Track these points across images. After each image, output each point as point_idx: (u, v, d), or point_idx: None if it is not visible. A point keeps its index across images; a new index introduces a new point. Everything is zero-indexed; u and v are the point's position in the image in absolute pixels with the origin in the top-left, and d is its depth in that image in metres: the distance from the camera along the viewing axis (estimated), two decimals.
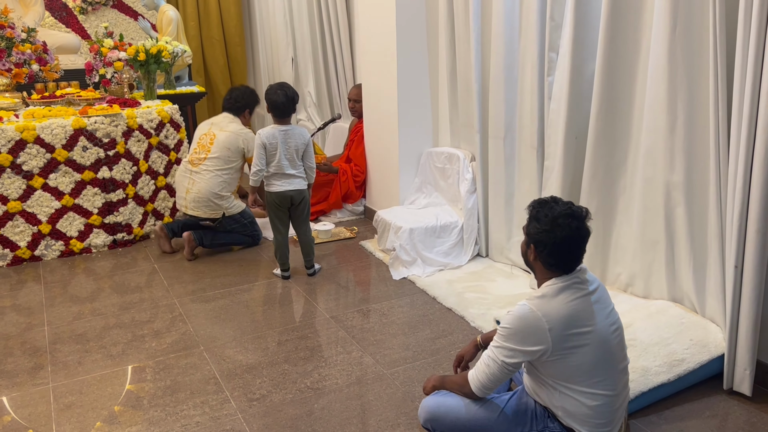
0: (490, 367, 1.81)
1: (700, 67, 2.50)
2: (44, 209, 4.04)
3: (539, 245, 1.81)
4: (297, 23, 6.44)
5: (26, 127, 3.92)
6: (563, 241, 1.76)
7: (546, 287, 1.81)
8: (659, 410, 2.33)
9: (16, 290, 3.65)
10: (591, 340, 1.76)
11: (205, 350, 2.88)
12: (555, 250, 1.78)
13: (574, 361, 1.77)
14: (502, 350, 1.79)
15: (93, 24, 7.16)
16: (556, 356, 1.75)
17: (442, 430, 1.96)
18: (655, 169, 2.73)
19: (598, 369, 1.78)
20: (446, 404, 1.95)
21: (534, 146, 3.35)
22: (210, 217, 4.05)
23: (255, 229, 4.27)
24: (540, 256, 1.82)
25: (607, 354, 1.80)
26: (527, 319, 1.75)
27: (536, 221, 1.82)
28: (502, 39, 3.41)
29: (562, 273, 1.82)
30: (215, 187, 3.99)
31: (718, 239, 2.48)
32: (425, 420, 1.98)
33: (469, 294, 3.36)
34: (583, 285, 1.81)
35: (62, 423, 2.36)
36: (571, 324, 1.75)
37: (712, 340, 2.50)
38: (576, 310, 1.76)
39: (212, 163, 4.01)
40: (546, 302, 1.77)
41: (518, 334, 1.76)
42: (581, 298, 1.78)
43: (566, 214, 1.77)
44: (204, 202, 4.00)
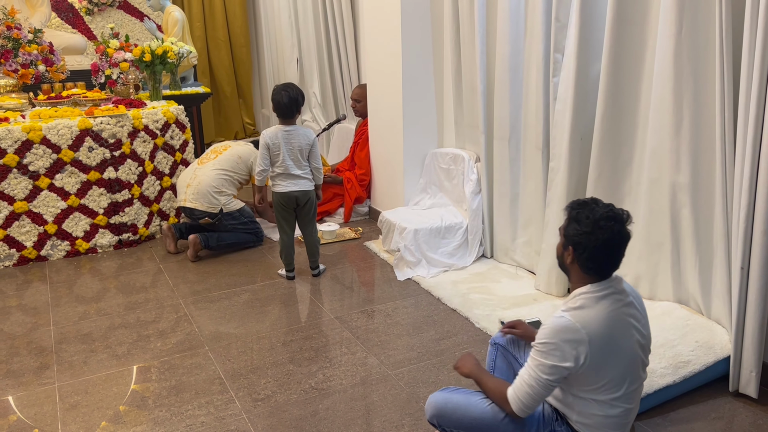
0: (534, 388, 1.72)
1: (706, 67, 2.49)
2: (50, 209, 4.06)
3: (578, 248, 1.73)
4: (302, 24, 6.45)
5: (33, 127, 3.94)
6: (604, 244, 1.69)
7: (583, 297, 1.74)
8: (665, 412, 2.32)
9: (22, 290, 3.67)
10: (622, 355, 1.73)
11: (210, 350, 2.88)
12: (595, 254, 1.71)
13: (603, 375, 1.72)
14: (543, 368, 1.70)
15: (99, 25, 7.19)
16: (588, 369, 1.70)
17: (447, 426, 1.94)
18: (660, 170, 2.72)
19: (623, 383, 1.75)
20: (453, 401, 1.92)
21: (539, 147, 3.35)
22: (208, 211, 4.06)
23: (256, 227, 4.29)
24: (578, 260, 1.75)
25: (634, 368, 1.77)
26: (567, 331, 1.68)
27: (576, 223, 1.74)
28: (508, 40, 3.41)
29: (600, 278, 1.75)
30: (215, 182, 4.07)
31: (724, 240, 2.47)
32: (431, 416, 1.97)
33: (473, 295, 3.35)
34: (621, 296, 1.74)
35: (68, 422, 2.37)
36: (608, 338, 1.70)
37: (718, 341, 2.49)
38: (613, 323, 1.71)
39: (219, 163, 4.13)
40: (585, 313, 1.70)
41: (558, 348, 1.68)
42: (618, 310, 1.72)
43: (608, 217, 1.70)
44: (203, 195, 4.03)
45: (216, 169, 4.12)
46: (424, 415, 2.32)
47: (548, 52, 3.17)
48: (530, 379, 1.72)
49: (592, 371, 1.72)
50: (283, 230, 3.60)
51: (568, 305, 1.75)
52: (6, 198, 3.93)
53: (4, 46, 4.89)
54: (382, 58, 4.30)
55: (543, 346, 1.71)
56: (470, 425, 1.90)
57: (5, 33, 4.89)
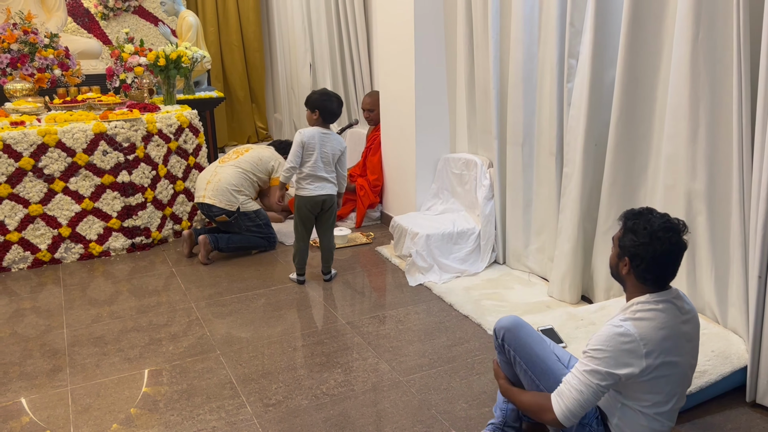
0: (583, 393, 1.67)
1: (723, 73, 2.46)
2: (64, 212, 4.09)
3: (636, 259, 1.72)
4: (315, 29, 6.47)
5: (48, 131, 3.97)
6: (662, 255, 1.68)
7: (641, 307, 1.71)
8: (680, 422, 2.29)
9: (36, 292, 3.69)
10: (674, 371, 1.71)
11: (222, 354, 2.88)
12: (652, 265, 1.69)
13: (654, 388, 1.70)
14: (595, 374, 1.67)
15: (114, 29, 7.25)
16: (640, 380, 1.68)
17: (509, 344, 1.93)
18: (676, 176, 2.69)
19: (671, 399, 1.73)
20: (529, 330, 1.93)
21: (553, 153, 3.33)
22: (225, 209, 4.06)
23: (270, 232, 4.28)
24: (635, 271, 1.73)
25: (683, 386, 1.75)
26: (624, 341, 1.66)
27: (633, 234, 1.72)
28: (521, 45, 3.39)
29: (656, 289, 1.73)
30: (235, 180, 4.14)
31: (741, 249, 2.44)
32: (502, 326, 1.95)
33: (486, 301, 3.33)
34: (679, 312, 1.73)
35: (80, 426, 2.38)
36: (664, 352, 1.68)
37: (735, 351, 2.46)
38: (670, 338, 1.69)
39: (240, 163, 4.23)
40: (644, 325, 1.68)
41: (614, 356, 1.65)
42: (676, 326, 1.70)
43: (665, 228, 1.69)
44: (222, 192, 4.06)
45: (237, 167, 4.21)
46: (438, 420, 2.31)
47: (562, 57, 3.16)
48: (580, 384, 1.68)
49: (644, 383, 1.69)
50: (300, 234, 3.60)
51: (626, 315, 1.72)
52: (21, 201, 3.97)
53: (20, 50, 4.94)
54: (395, 62, 4.29)
55: (597, 353, 1.68)
56: (527, 357, 1.88)
57: (22, 37, 4.94)
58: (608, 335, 1.68)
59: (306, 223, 3.57)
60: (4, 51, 4.91)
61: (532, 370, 1.87)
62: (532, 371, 1.87)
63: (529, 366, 1.87)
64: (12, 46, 4.91)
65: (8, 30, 4.92)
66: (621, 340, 1.66)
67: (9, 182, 3.92)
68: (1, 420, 2.43)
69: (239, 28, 8.05)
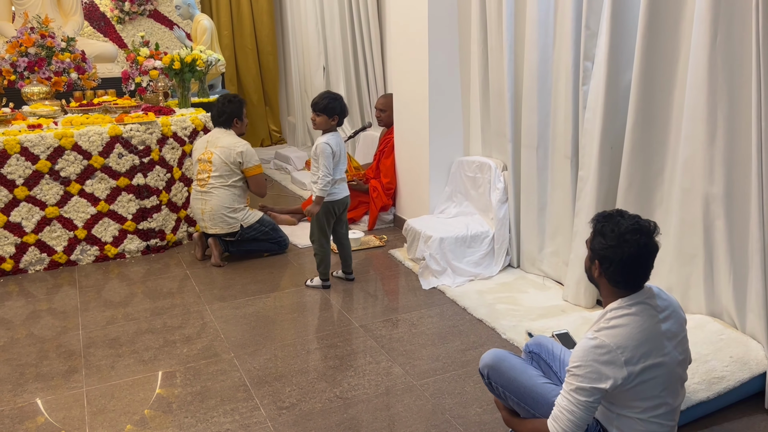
0: (575, 413, 1.67)
1: (742, 76, 2.43)
2: (80, 215, 4.12)
3: (605, 262, 1.71)
4: (329, 32, 6.49)
5: (64, 134, 4.01)
6: (630, 257, 1.67)
7: (614, 314, 1.70)
8: (697, 429, 2.26)
9: (52, 294, 3.72)
10: (660, 372, 1.69)
11: (235, 357, 2.89)
12: (621, 267, 1.68)
13: (642, 393, 1.69)
14: (581, 392, 1.66)
15: (130, 33, 7.31)
16: (626, 388, 1.67)
17: (495, 382, 1.92)
18: (693, 180, 2.66)
19: (663, 400, 1.71)
20: (511, 362, 1.91)
21: (568, 156, 3.31)
22: (229, 233, 4.07)
23: (279, 235, 4.26)
24: (605, 273, 1.72)
25: (673, 386, 1.73)
26: (601, 351, 1.65)
27: (602, 236, 1.72)
28: (536, 47, 3.38)
29: (629, 291, 1.72)
30: (226, 202, 4.00)
31: (760, 253, 2.41)
32: (485, 365, 1.94)
33: (500, 305, 3.31)
34: (655, 311, 1.71)
35: (95, 427, 2.39)
36: (644, 355, 1.66)
37: (753, 357, 2.42)
38: (648, 340, 1.67)
39: (216, 180, 4.00)
40: (618, 332, 1.66)
41: (594, 370, 1.64)
42: (653, 326, 1.69)
43: (634, 230, 1.67)
44: (219, 218, 4.01)
45: (219, 188, 3.99)
46: (452, 424, 2.30)
47: (578, 60, 3.14)
48: (569, 404, 1.67)
49: (630, 391, 1.67)
50: (325, 240, 3.60)
51: (600, 325, 1.71)
52: (38, 203, 4.01)
53: (38, 54, 5.00)
54: (409, 65, 4.29)
55: (577, 369, 1.67)
56: (516, 391, 1.87)
57: (39, 41, 5.00)
58: (585, 350, 1.67)
59: (329, 227, 3.59)
60: (21, 55, 4.97)
61: (523, 401, 1.86)
62: (524, 403, 1.87)
63: (520, 398, 1.87)
64: (29, 49, 4.96)
65: (26, 34, 4.98)
66: (598, 353, 1.64)
67: (26, 185, 3.96)
68: (18, 420, 2.45)
69: (253, 32, 8.09)
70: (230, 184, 4.03)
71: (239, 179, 4.07)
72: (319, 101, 3.46)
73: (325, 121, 3.47)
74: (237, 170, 4.05)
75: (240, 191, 4.09)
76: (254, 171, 4.08)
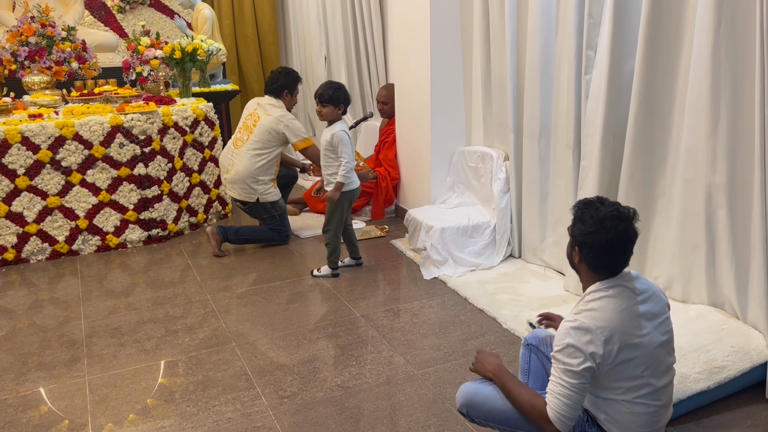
0: (570, 396, 1.68)
1: (746, 65, 2.42)
2: (82, 205, 4.12)
3: (584, 248, 1.74)
4: (330, 22, 6.45)
5: (65, 123, 4.00)
6: (609, 243, 1.70)
7: (592, 297, 1.73)
8: (698, 418, 2.27)
9: (54, 284, 3.73)
10: (640, 352, 1.70)
11: (237, 346, 2.89)
12: (601, 253, 1.71)
13: (622, 374, 1.70)
14: (569, 373, 1.67)
15: (130, 23, 7.28)
16: (606, 368, 1.69)
17: (477, 417, 1.93)
18: (696, 169, 2.65)
19: (645, 381, 1.73)
20: (483, 392, 1.90)
21: (570, 145, 3.29)
22: (243, 200, 4.05)
23: (284, 224, 4.23)
24: (585, 259, 1.76)
25: (655, 366, 1.74)
26: (581, 333, 1.67)
27: (581, 223, 1.75)
28: (539, 36, 3.36)
29: (608, 276, 1.75)
30: (253, 171, 3.97)
31: (763, 243, 2.40)
32: (461, 405, 1.95)
33: (501, 295, 3.32)
34: (631, 293, 1.73)
35: (98, 415, 2.40)
36: (623, 335, 1.68)
37: (755, 347, 2.42)
38: (626, 320, 1.69)
39: (252, 146, 3.98)
40: (597, 314, 1.69)
41: (577, 350, 1.66)
42: (629, 308, 1.71)
43: (612, 216, 1.70)
44: (240, 183, 4.00)
45: (251, 151, 3.96)
46: (453, 413, 2.30)
47: (580, 49, 3.12)
48: (562, 389, 1.69)
49: (611, 371, 1.70)
50: (339, 229, 3.64)
51: (579, 308, 1.75)
52: (39, 193, 4.01)
53: (38, 43, 4.98)
54: (410, 55, 4.27)
55: (561, 353, 1.69)
56: (498, 418, 1.87)
57: (40, 30, 4.98)
58: (566, 332, 1.69)
59: (347, 215, 3.65)
60: (22, 44, 4.96)
61: (509, 425, 1.87)
62: (510, 426, 1.87)
63: (505, 424, 1.88)
64: (30, 39, 4.95)
65: (26, 23, 4.96)
66: (579, 334, 1.67)
67: (27, 174, 3.95)
68: (21, 409, 2.46)
69: (254, 21, 8.05)
70: (263, 154, 3.98)
71: (273, 152, 4.01)
72: (324, 92, 3.46)
73: (332, 111, 3.48)
74: (276, 142, 3.99)
75: (269, 164, 4.03)
76: (304, 144, 4.01)
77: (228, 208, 5.00)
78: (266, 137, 3.98)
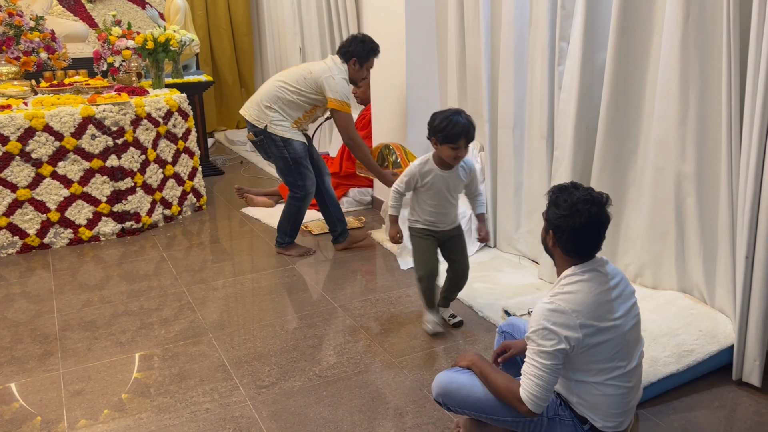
0: (542, 377, 1.70)
1: (713, 56, 2.48)
2: (53, 197, 4.05)
3: (558, 231, 1.78)
4: (305, 12, 6.42)
5: (35, 114, 3.93)
6: (582, 227, 1.73)
7: (567, 280, 1.77)
8: (668, 400, 2.33)
9: (25, 278, 3.67)
10: (612, 336, 1.74)
11: (214, 338, 2.89)
12: (574, 236, 1.75)
13: (594, 356, 1.74)
14: (544, 354, 1.70)
15: (101, 13, 7.16)
16: (580, 351, 1.73)
17: (453, 406, 1.96)
18: (665, 159, 2.71)
19: (616, 363, 1.77)
20: (458, 381, 1.93)
21: (544, 136, 3.34)
22: (252, 123, 3.64)
23: (301, 176, 3.68)
24: (559, 242, 1.79)
25: (626, 349, 1.78)
26: (556, 315, 1.70)
27: (555, 207, 1.79)
28: (512, 28, 3.39)
29: (582, 260, 1.79)
30: (271, 94, 3.59)
31: (729, 230, 2.47)
32: (437, 394, 1.98)
33: (477, 284, 3.35)
34: (604, 278, 1.77)
35: (73, 408, 2.38)
36: (596, 318, 1.72)
37: (722, 331, 2.49)
38: (600, 304, 1.73)
39: (283, 75, 3.66)
40: (571, 297, 1.72)
41: (551, 332, 1.69)
42: (603, 292, 1.75)
43: (585, 200, 1.74)
44: (254, 104, 3.64)
45: (279, 81, 3.62)
46: (430, 399, 2.33)
47: (553, 40, 3.16)
48: (536, 370, 1.72)
49: (585, 354, 1.74)
50: None
51: (555, 290, 1.78)
52: (9, 185, 3.93)
53: (6, 33, 4.87)
54: (386, 46, 4.26)
55: (536, 334, 1.73)
56: (474, 405, 1.90)
57: (7, 20, 4.87)
58: (542, 313, 1.73)
59: None
60: None
61: (484, 413, 1.90)
62: (485, 413, 1.90)
63: (480, 411, 1.91)
64: None
65: None
66: (554, 316, 1.70)
67: None
68: None
69: (228, 12, 7.97)
70: (290, 90, 3.58)
71: (302, 95, 3.59)
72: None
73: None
74: (308, 89, 3.58)
75: (293, 102, 3.60)
76: (335, 105, 3.54)
77: (203, 200, 4.96)
78: (301, 79, 3.59)
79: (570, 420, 1.84)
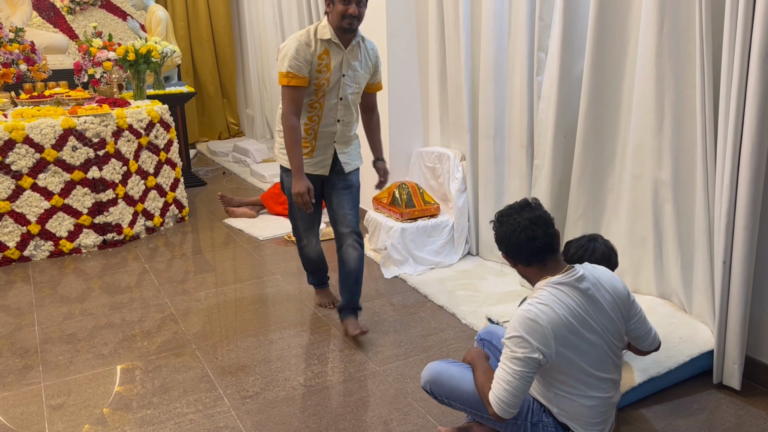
0: (512, 383, 1.72)
1: (687, 65, 2.53)
2: (33, 209, 4.02)
3: (501, 246, 1.86)
4: (287, 24, 6.45)
5: (15, 126, 3.90)
6: (514, 234, 1.80)
7: (542, 293, 1.78)
8: (648, 405, 2.36)
9: (5, 291, 3.63)
10: (588, 347, 1.77)
11: (197, 349, 2.87)
12: (517, 245, 1.81)
13: (572, 366, 1.77)
14: (516, 361, 1.72)
15: (81, 24, 7.13)
16: (556, 361, 1.75)
17: (440, 395, 1.97)
18: (643, 166, 2.76)
19: (594, 373, 1.79)
20: (449, 372, 1.95)
21: (523, 145, 3.38)
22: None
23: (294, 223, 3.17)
24: (515, 259, 1.86)
25: (603, 358, 1.81)
26: (531, 323, 1.72)
27: (495, 232, 1.89)
28: (492, 39, 3.44)
29: (543, 264, 1.82)
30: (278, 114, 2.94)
31: (706, 235, 2.52)
32: (426, 382, 1.99)
33: (459, 292, 3.38)
34: (582, 292, 1.79)
35: (55, 422, 2.35)
36: (571, 328, 1.74)
37: (701, 337, 2.54)
38: (575, 316, 1.75)
39: None
40: (547, 308, 1.74)
41: (525, 340, 1.71)
42: (578, 301, 1.77)
43: (510, 213, 1.84)
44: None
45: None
46: (415, 407, 2.34)
47: (532, 51, 3.21)
48: (506, 375, 1.74)
49: (559, 365, 1.75)
50: None
51: (533, 298, 1.81)
52: None
53: None
54: None
55: (511, 341, 1.75)
56: (461, 398, 1.92)
57: None
58: (518, 321, 1.75)
59: None
60: None
61: (469, 406, 1.93)
62: (470, 407, 1.94)
63: (465, 404, 1.94)
64: None
65: None
66: (530, 324, 1.73)
67: None
68: None
69: (209, 23, 7.98)
70: None
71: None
72: None
73: None
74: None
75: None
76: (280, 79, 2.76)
77: (185, 211, 4.94)
78: None
79: (553, 427, 1.86)
